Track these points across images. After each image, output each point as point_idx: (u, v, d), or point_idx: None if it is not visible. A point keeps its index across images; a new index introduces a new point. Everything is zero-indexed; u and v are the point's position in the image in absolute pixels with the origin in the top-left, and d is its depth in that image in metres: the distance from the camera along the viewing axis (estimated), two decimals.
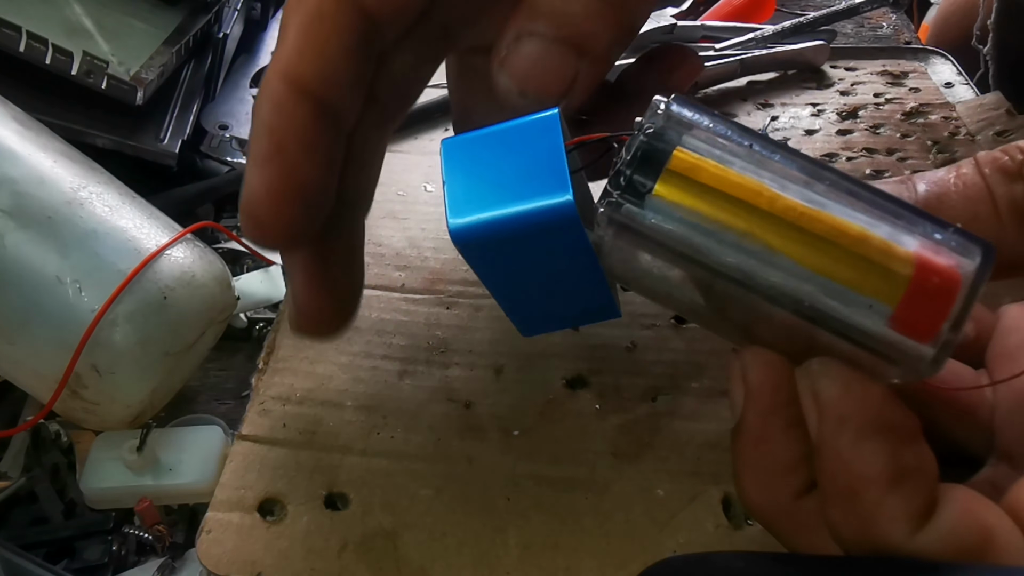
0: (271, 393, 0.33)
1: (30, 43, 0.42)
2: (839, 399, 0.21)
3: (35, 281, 0.33)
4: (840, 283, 0.20)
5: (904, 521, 0.21)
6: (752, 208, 0.21)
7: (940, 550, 0.21)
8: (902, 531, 0.21)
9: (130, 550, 0.33)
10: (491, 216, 0.22)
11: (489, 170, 0.23)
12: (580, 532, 0.29)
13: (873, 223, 0.20)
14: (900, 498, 0.21)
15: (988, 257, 0.20)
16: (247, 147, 0.25)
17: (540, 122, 0.23)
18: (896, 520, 0.21)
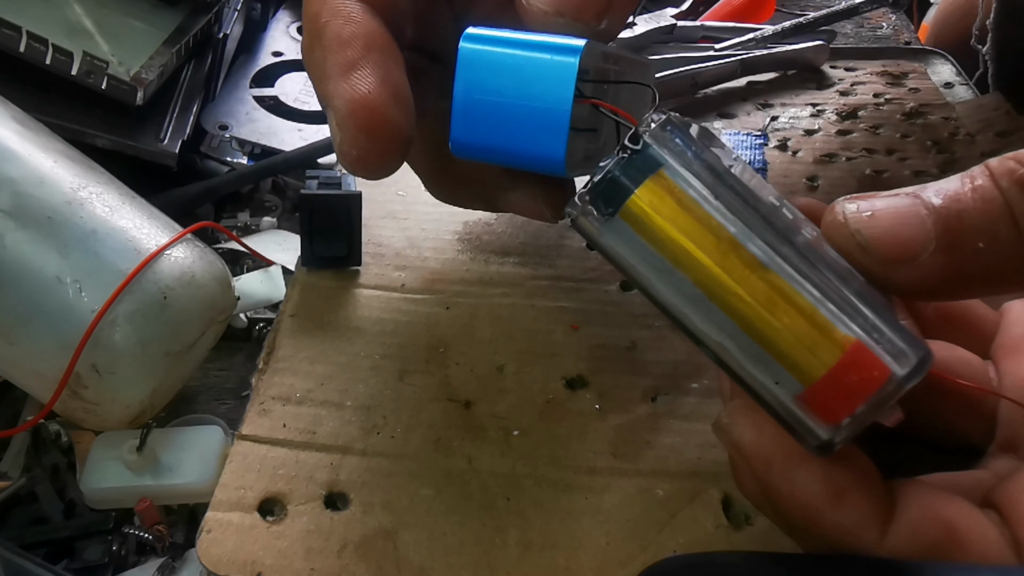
0: (271, 393, 0.33)
1: (30, 43, 0.42)
2: (755, 444, 0.23)
3: (35, 281, 0.33)
4: (765, 349, 0.21)
5: (864, 529, 0.22)
6: (699, 256, 0.21)
7: (908, 549, 0.22)
8: (868, 538, 0.22)
9: (130, 550, 0.33)
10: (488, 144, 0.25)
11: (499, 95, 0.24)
12: (580, 532, 0.29)
13: (821, 301, 0.21)
14: (850, 511, 0.22)
15: (920, 367, 0.21)
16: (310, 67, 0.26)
17: (560, 64, 0.24)
18: (854, 531, 0.22)
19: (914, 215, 0.22)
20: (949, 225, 0.22)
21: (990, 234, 0.22)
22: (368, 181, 0.44)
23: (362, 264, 0.38)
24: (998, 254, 0.22)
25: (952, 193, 0.23)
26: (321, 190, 0.37)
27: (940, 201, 0.22)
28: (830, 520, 0.22)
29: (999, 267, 0.22)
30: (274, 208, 0.49)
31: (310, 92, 0.55)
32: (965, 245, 0.22)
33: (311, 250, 0.37)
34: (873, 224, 0.23)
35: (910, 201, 0.23)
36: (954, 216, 0.22)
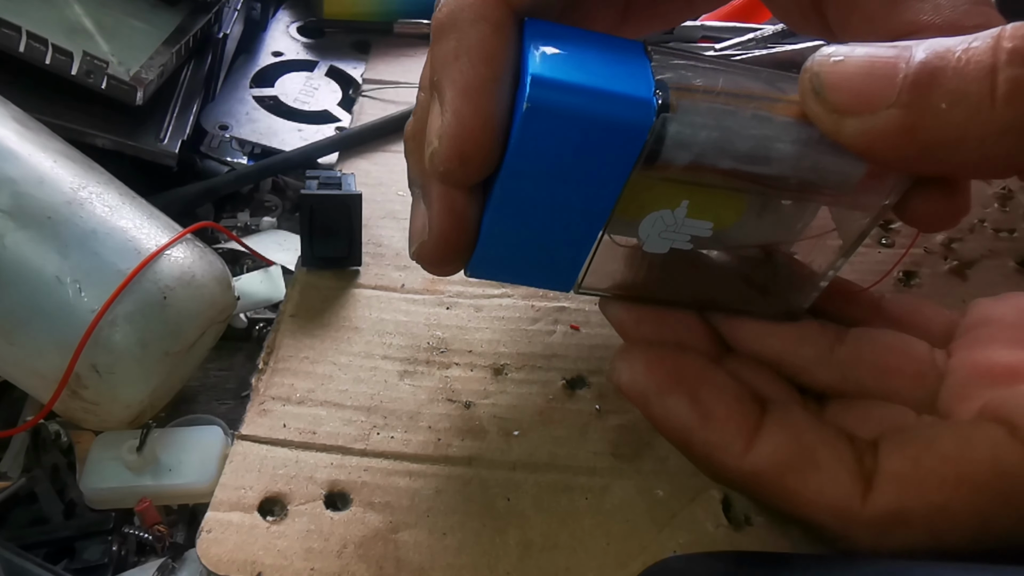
0: (271, 393, 0.33)
1: (30, 43, 0.42)
2: (631, 381, 0.27)
3: (35, 281, 0.33)
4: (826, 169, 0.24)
5: (729, 445, 0.25)
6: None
7: (766, 465, 0.24)
8: (733, 452, 0.25)
9: (130, 550, 0.33)
10: (577, 83, 0.23)
11: (577, 55, 0.24)
12: (580, 532, 0.29)
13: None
14: (716, 429, 0.25)
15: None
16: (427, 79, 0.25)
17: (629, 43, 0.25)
18: (721, 447, 0.25)
19: (889, 68, 0.21)
20: (920, 80, 0.21)
21: (959, 95, 0.20)
22: (368, 182, 0.44)
23: (362, 264, 0.38)
24: (960, 120, 0.20)
25: (942, 51, 0.21)
26: (321, 190, 0.37)
27: (924, 56, 0.21)
28: (700, 438, 0.25)
29: (958, 135, 0.21)
30: (274, 208, 0.49)
31: (310, 92, 0.55)
32: (928, 104, 0.21)
33: (311, 250, 0.37)
34: (835, 70, 0.22)
35: (894, 54, 0.21)
36: (928, 73, 0.21)
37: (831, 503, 0.24)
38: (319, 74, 0.57)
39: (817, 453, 0.24)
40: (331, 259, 0.38)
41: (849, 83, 0.21)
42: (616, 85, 0.23)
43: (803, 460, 0.24)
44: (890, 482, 0.23)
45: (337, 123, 0.53)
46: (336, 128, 0.52)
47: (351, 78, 0.56)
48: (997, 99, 0.20)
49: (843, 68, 0.22)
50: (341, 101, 0.55)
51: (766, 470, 0.24)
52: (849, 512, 0.23)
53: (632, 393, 0.27)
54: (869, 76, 0.21)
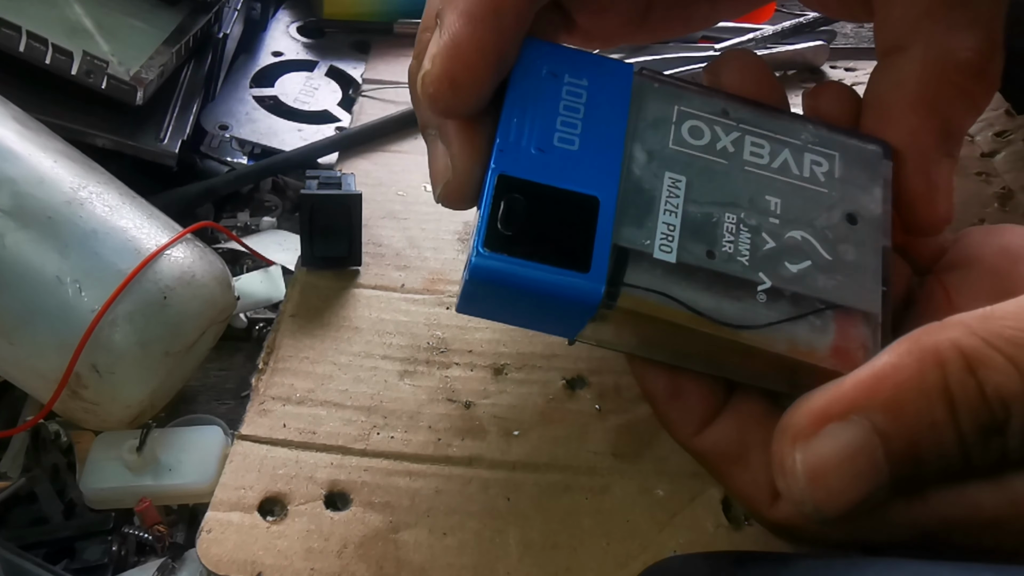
0: (271, 393, 0.33)
1: (30, 43, 0.42)
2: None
3: (35, 281, 0.33)
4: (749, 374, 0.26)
5: (684, 426, 0.27)
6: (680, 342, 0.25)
7: (710, 450, 0.27)
8: (684, 433, 0.27)
9: (130, 550, 0.33)
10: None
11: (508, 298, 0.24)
12: (580, 532, 0.29)
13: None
14: (678, 407, 0.27)
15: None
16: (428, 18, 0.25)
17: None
18: (676, 426, 0.27)
19: (872, 458, 0.21)
20: (904, 469, 0.21)
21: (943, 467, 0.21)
22: (368, 182, 0.44)
23: (362, 264, 0.38)
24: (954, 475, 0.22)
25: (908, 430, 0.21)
26: (321, 190, 0.37)
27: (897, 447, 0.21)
28: (662, 411, 0.27)
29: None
30: (274, 208, 0.49)
31: (310, 92, 0.55)
32: (919, 477, 0.22)
33: (311, 250, 0.37)
34: (825, 496, 0.22)
35: (864, 434, 0.21)
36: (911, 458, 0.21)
37: (747, 499, 0.26)
38: (319, 74, 0.57)
39: (751, 453, 0.26)
40: (331, 259, 0.38)
41: (842, 502, 0.22)
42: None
43: (738, 455, 0.26)
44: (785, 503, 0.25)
45: (337, 123, 0.53)
46: (336, 128, 0.52)
47: (351, 78, 0.56)
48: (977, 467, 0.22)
49: (829, 489, 0.22)
50: (341, 101, 0.55)
51: (707, 454, 0.27)
52: (758, 512, 0.26)
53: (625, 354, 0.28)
54: (857, 483, 0.22)
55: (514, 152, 0.24)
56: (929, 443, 0.21)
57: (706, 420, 0.27)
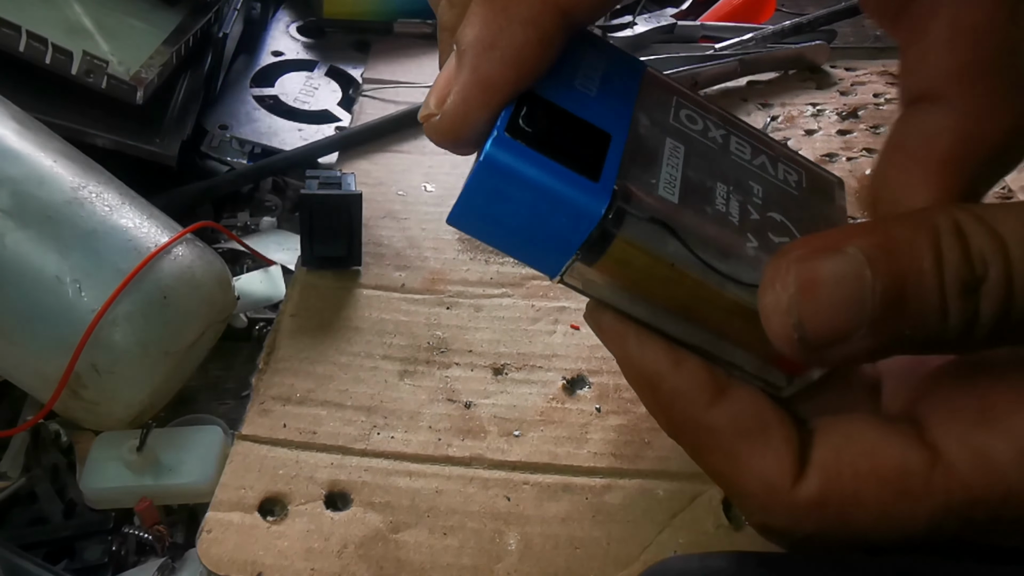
0: (271, 393, 0.33)
1: (30, 43, 0.42)
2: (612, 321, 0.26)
3: (35, 281, 0.33)
4: (735, 345, 0.26)
5: (696, 395, 0.25)
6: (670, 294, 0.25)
7: (726, 422, 0.25)
8: (698, 404, 0.25)
9: (130, 550, 0.33)
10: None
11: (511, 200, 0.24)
12: (580, 533, 0.29)
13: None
14: (687, 375, 0.25)
15: None
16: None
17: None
18: (687, 397, 0.26)
19: (859, 288, 0.22)
20: (886, 314, 0.22)
21: (919, 323, 0.22)
22: (368, 182, 0.44)
23: (362, 264, 0.38)
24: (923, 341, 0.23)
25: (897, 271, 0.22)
26: (321, 190, 0.37)
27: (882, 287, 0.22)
28: (669, 384, 0.26)
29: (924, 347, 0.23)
30: (274, 208, 0.49)
31: (310, 92, 0.55)
32: (894, 331, 0.22)
33: (311, 250, 0.37)
34: (813, 309, 0.22)
35: (856, 264, 0.22)
36: (891, 303, 0.22)
37: (767, 478, 0.25)
38: (319, 74, 0.57)
39: (770, 429, 0.25)
40: (331, 259, 0.38)
41: (828, 323, 0.23)
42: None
43: (758, 431, 0.25)
44: (816, 471, 0.24)
45: (337, 123, 0.53)
46: (336, 128, 0.52)
47: (351, 78, 0.56)
48: (950, 328, 0.22)
49: (817, 304, 0.22)
50: (341, 101, 0.55)
51: (724, 429, 0.25)
52: (779, 492, 0.25)
53: (611, 334, 0.27)
54: (843, 308, 0.22)
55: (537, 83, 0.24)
56: (914, 289, 0.22)
57: (718, 392, 0.26)
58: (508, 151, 0.23)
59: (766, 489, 0.25)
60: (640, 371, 0.27)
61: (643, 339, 0.26)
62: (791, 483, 0.25)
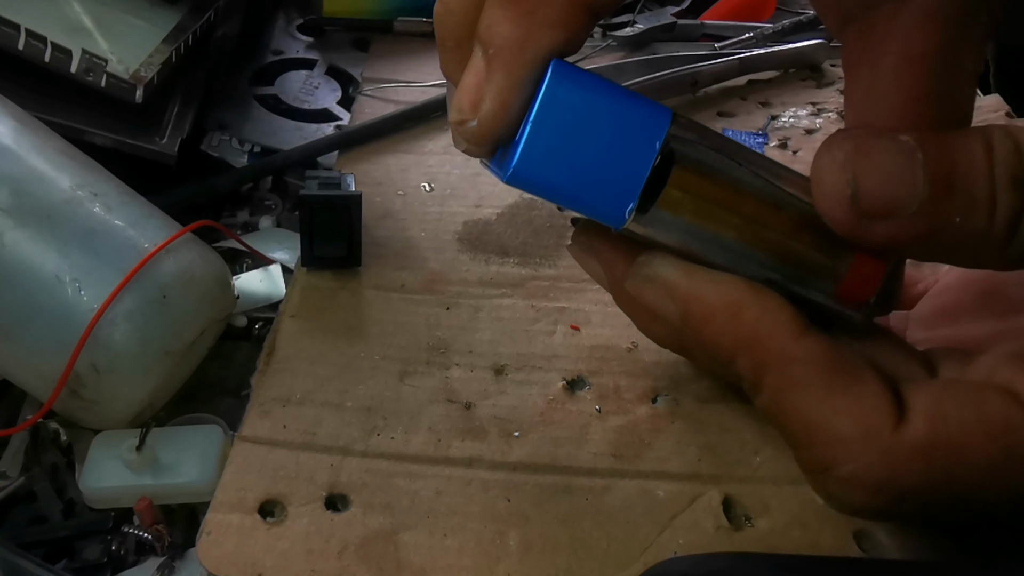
0: (271, 394, 0.33)
1: (29, 41, 0.42)
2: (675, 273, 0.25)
3: (34, 280, 0.33)
4: (799, 271, 0.25)
5: (784, 327, 0.24)
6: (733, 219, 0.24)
7: (817, 357, 0.24)
8: (792, 332, 0.24)
9: (129, 550, 0.33)
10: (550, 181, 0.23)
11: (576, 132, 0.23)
12: (581, 533, 0.29)
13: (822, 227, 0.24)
14: (775, 307, 0.24)
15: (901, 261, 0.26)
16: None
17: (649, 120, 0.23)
18: (777, 327, 0.24)
19: (912, 164, 0.22)
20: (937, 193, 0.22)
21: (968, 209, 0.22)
22: (367, 182, 0.44)
23: (362, 264, 0.38)
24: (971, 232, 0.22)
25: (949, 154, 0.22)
26: (321, 191, 0.37)
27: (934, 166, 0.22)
28: (753, 313, 0.24)
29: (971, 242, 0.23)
30: (274, 207, 0.49)
31: (310, 90, 0.55)
32: (943, 214, 0.22)
33: (311, 251, 0.37)
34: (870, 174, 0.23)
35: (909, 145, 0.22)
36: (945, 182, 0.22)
37: (865, 418, 0.23)
38: (319, 72, 0.57)
39: (864, 368, 0.24)
40: (331, 259, 0.37)
41: (878, 187, 0.23)
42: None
43: (852, 367, 0.24)
44: (920, 416, 0.23)
45: (337, 121, 0.53)
46: (336, 127, 0.52)
47: (351, 76, 0.56)
48: (998, 220, 0.22)
49: (872, 164, 0.23)
50: (341, 99, 0.55)
51: (816, 361, 0.24)
52: (879, 434, 0.23)
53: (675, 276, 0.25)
54: (896, 178, 0.23)
55: None
56: (965, 176, 0.22)
57: (805, 326, 0.24)
58: (568, 79, 0.23)
59: (863, 432, 0.23)
60: (717, 304, 0.24)
61: (715, 273, 0.25)
62: (892, 426, 0.23)
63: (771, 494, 0.30)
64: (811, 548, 0.29)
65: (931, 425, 0.23)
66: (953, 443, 0.23)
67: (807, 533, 0.29)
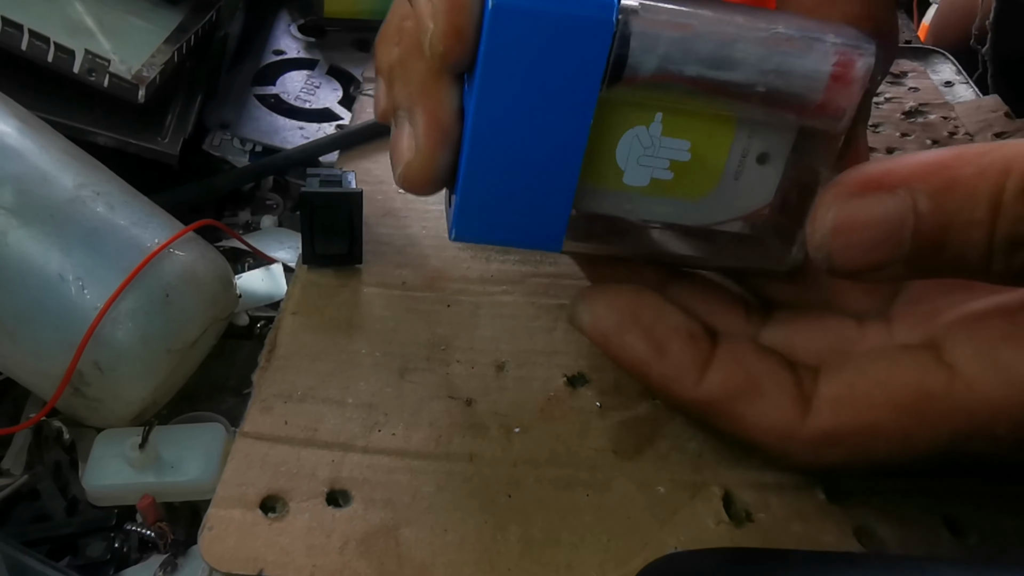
0: (272, 391, 0.33)
1: (32, 41, 0.42)
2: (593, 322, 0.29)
3: (37, 279, 0.33)
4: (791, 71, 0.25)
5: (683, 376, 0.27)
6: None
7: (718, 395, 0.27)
8: (688, 383, 0.27)
9: (132, 547, 0.33)
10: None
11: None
12: (581, 529, 0.29)
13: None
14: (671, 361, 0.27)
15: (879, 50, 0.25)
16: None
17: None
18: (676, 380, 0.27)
19: (898, 232, 0.22)
20: (923, 246, 0.22)
21: (960, 258, 0.22)
22: (369, 180, 0.44)
23: (363, 262, 0.38)
24: (964, 275, 0.23)
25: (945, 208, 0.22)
26: (322, 188, 0.37)
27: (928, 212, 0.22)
28: (656, 371, 0.27)
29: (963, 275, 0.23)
30: (275, 206, 0.49)
31: (311, 90, 0.55)
32: (934, 263, 0.23)
33: (312, 248, 0.37)
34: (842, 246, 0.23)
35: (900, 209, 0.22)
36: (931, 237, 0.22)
37: (774, 426, 0.26)
38: (320, 72, 0.57)
39: (761, 381, 0.26)
40: (332, 257, 0.38)
41: (854, 259, 0.23)
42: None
43: (749, 388, 0.26)
44: (826, 405, 0.25)
45: (338, 121, 0.53)
46: (337, 126, 0.52)
47: (352, 76, 0.57)
48: (991, 274, 0.22)
49: (848, 245, 0.23)
50: (342, 99, 0.55)
51: (717, 398, 0.27)
52: (789, 433, 0.26)
53: (594, 334, 0.29)
54: (878, 247, 0.23)
55: None
56: (959, 236, 0.22)
57: (702, 368, 0.27)
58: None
59: (777, 437, 0.26)
60: (628, 363, 0.28)
61: (623, 335, 0.28)
62: (799, 423, 0.26)
63: (772, 490, 0.30)
64: (812, 544, 0.29)
65: (837, 413, 0.25)
66: (862, 425, 0.25)
67: (808, 528, 0.29)
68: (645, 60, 0.24)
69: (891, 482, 0.31)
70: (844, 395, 0.25)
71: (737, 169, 0.27)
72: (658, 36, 0.24)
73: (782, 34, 0.24)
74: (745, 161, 0.26)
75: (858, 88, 0.25)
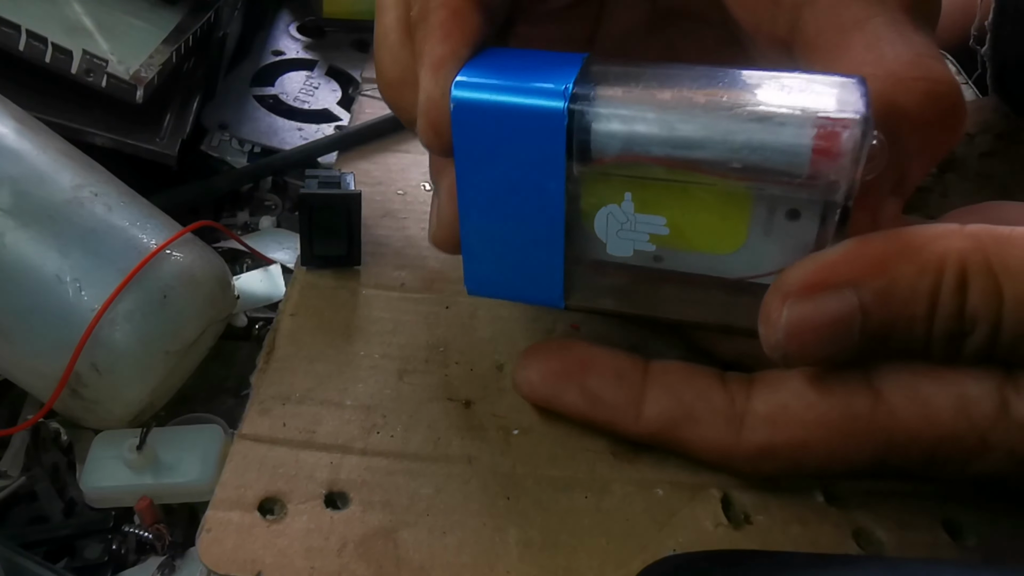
0: (271, 392, 0.33)
1: (30, 42, 0.42)
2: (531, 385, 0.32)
3: (35, 280, 0.33)
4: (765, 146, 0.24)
5: (623, 417, 0.29)
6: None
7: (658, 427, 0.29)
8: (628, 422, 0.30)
9: (130, 549, 0.33)
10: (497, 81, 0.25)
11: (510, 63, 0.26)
12: (580, 531, 0.29)
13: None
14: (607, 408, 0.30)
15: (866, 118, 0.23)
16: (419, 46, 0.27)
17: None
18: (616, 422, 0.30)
19: (848, 330, 0.24)
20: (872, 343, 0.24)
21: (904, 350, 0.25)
22: (367, 181, 0.44)
23: (361, 264, 0.38)
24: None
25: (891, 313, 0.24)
26: (321, 189, 0.37)
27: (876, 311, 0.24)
28: (599, 418, 0.30)
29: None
30: (274, 207, 0.49)
31: (310, 91, 0.55)
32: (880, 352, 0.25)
33: (311, 250, 0.37)
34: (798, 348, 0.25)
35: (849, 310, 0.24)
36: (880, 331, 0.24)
37: (713, 446, 0.28)
38: (319, 73, 0.57)
39: (695, 408, 0.28)
40: (331, 258, 0.38)
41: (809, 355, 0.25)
42: (534, 81, 0.25)
43: (684, 416, 0.28)
44: (760, 423, 0.27)
45: (337, 122, 0.53)
46: (336, 127, 0.52)
47: (351, 77, 0.56)
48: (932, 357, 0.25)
49: (803, 345, 0.25)
50: (341, 100, 0.55)
51: (658, 430, 0.29)
52: (727, 451, 0.28)
53: (534, 399, 0.32)
54: (829, 344, 0.25)
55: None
56: (903, 331, 0.24)
57: (638, 405, 0.29)
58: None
59: (718, 455, 0.29)
60: (573, 417, 0.31)
61: (560, 396, 0.30)
62: (735, 441, 0.28)
63: (770, 492, 0.30)
64: (810, 546, 0.29)
65: (771, 432, 0.27)
66: (795, 442, 0.27)
67: (807, 531, 0.29)
68: (608, 143, 0.25)
69: (890, 484, 0.31)
70: (777, 415, 0.27)
71: (765, 226, 0.26)
72: (616, 120, 0.24)
73: (749, 111, 0.23)
74: (773, 218, 0.25)
75: (848, 161, 0.23)
